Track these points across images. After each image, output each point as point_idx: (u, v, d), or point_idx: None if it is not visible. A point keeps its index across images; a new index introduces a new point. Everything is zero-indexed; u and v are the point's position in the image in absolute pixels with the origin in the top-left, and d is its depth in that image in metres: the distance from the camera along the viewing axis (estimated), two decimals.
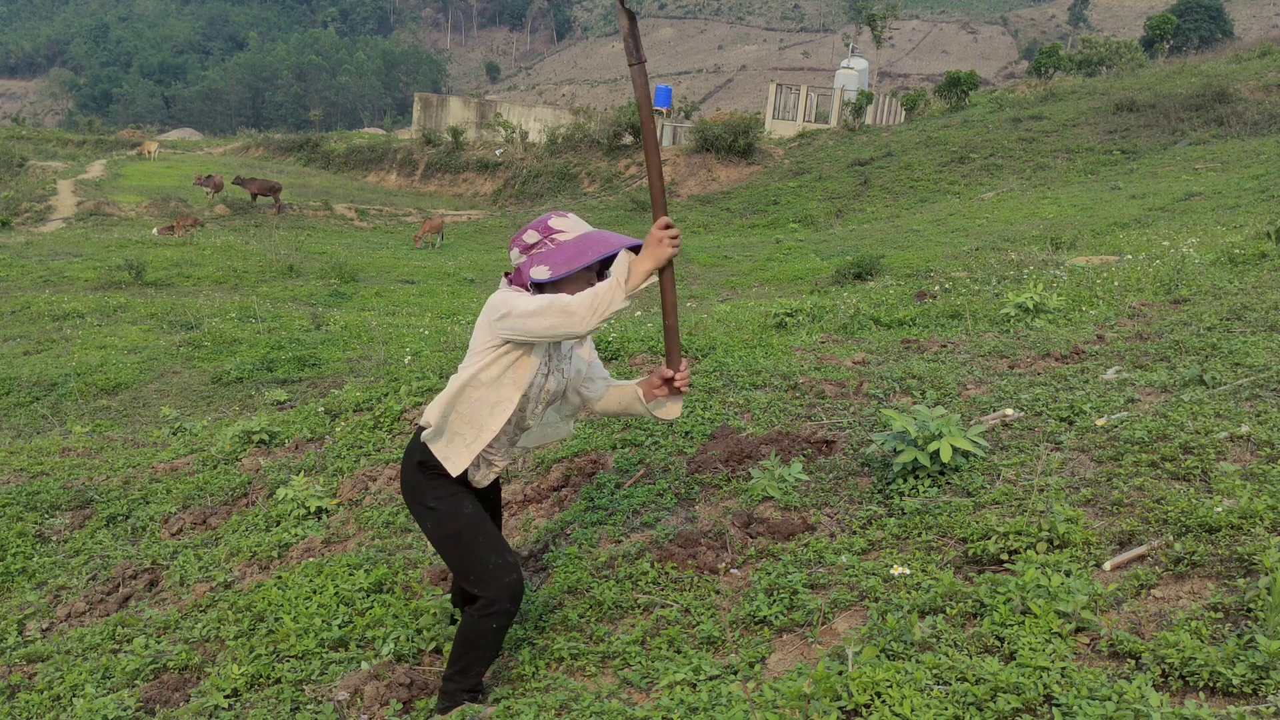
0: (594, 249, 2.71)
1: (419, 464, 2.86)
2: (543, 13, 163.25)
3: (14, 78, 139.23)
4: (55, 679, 3.61)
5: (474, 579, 2.84)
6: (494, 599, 2.81)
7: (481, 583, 2.82)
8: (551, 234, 2.77)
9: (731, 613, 3.02)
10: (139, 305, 13.95)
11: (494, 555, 2.83)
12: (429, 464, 2.84)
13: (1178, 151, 22.53)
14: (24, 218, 26.20)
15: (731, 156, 30.75)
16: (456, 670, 2.90)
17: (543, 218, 2.81)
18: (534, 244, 2.77)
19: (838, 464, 3.95)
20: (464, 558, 2.84)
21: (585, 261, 2.68)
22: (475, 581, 2.84)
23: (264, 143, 47.12)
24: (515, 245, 2.82)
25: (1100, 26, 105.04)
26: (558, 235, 2.76)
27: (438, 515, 2.84)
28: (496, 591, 2.80)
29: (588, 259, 2.69)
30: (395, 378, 6.61)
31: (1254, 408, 3.73)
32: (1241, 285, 6.51)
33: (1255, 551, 2.60)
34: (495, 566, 2.82)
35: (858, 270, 13.27)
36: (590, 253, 2.70)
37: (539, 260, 2.73)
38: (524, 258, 2.78)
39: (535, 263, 2.73)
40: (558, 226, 2.78)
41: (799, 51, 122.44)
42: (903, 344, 6.21)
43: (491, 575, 2.81)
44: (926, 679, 2.27)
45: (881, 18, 44.09)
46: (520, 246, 2.80)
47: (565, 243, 2.75)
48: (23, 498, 5.58)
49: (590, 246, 2.72)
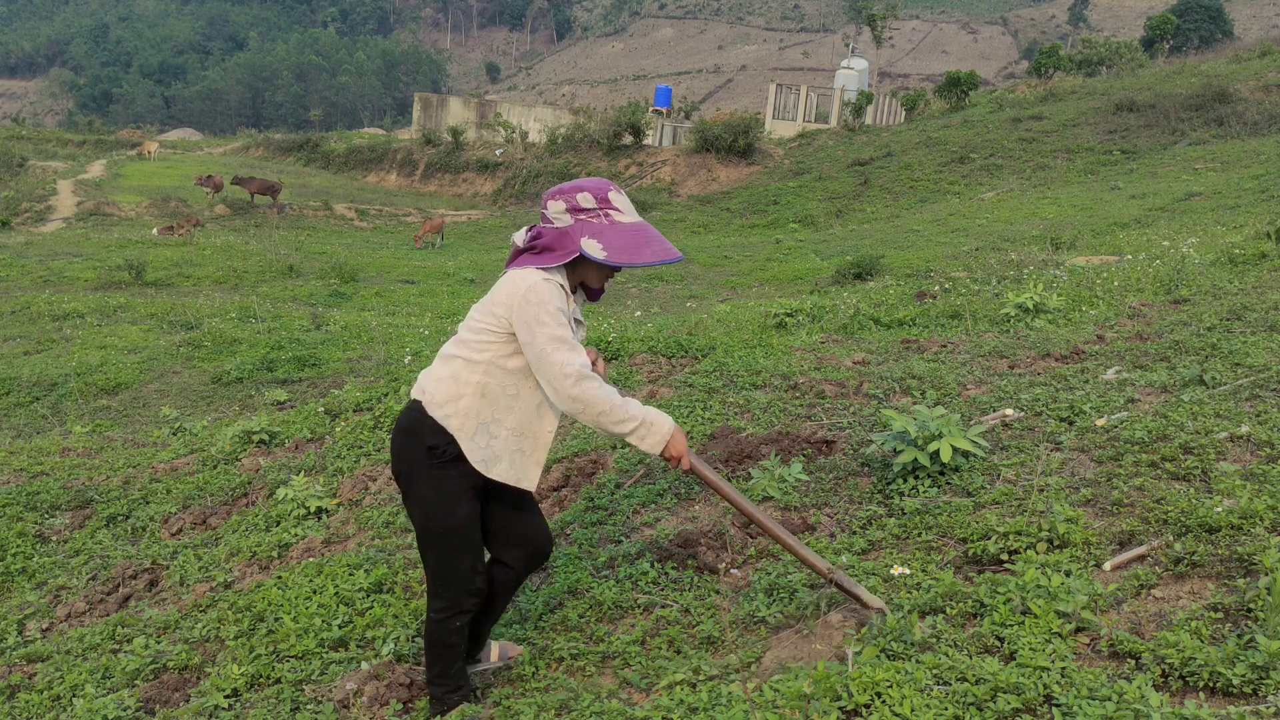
0: (651, 250, 2.59)
1: (429, 447, 2.68)
2: (543, 13, 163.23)
3: (14, 78, 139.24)
4: (55, 679, 3.60)
5: (441, 581, 2.77)
6: (456, 601, 2.77)
7: (447, 585, 2.77)
8: (609, 207, 2.61)
9: (731, 613, 3.02)
10: (139, 305, 13.95)
11: (469, 562, 2.76)
12: (439, 448, 2.67)
13: (1178, 151, 22.52)
14: (24, 218, 26.20)
15: (731, 156, 30.76)
16: (436, 673, 2.87)
17: (597, 182, 2.63)
18: (588, 209, 2.59)
19: (838, 464, 3.95)
20: (441, 559, 2.76)
21: (642, 260, 2.56)
22: (442, 582, 2.77)
23: (264, 143, 47.12)
24: (561, 198, 2.61)
25: (1100, 26, 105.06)
26: (614, 213, 2.61)
27: (429, 506, 2.72)
28: (460, 595, 2.77)
29: (645, 259, 2.57)
30: (395, 378, 6.61)
31: (1254, 408, 3.73)
32: (1241, 285, 6.51)
33: (1255, 551, 2.60)
34: (467, 572, 2.76)
35: (858, 270, 13.27)
36: (648, 253, 2.58)
37: (592, 232, 2.57)
38: (570, 219, 2.60)
39: (587, 233, 2.57)
40: (616, 203, 2.62)
41: (799, 51, 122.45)
42: (903, 344, 6.21)
43: (460, 580, 2.76)
44: (926, 679, 2.27)
45: (881, 18, 44.08)
46: (570, 204, 2.60)
47: (622, 225, 2.61)
48: (23, 498, 5.58)
49: (648, 245, 2.60)
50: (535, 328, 2.55)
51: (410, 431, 2.73)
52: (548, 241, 2.63)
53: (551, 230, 2.63)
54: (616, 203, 2.63)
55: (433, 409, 2.68)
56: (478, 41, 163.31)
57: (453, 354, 2.72)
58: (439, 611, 2.80)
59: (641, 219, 2.69)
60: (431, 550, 2.78)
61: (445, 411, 2.67)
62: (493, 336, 2.64)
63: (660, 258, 2.60)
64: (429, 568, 2.81)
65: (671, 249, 2.64)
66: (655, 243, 2.63)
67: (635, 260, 2.57)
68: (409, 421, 2.74)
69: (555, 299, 2.57)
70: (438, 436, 2.68)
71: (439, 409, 2.68)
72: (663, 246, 2.63)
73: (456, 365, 2.70)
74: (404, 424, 2.75)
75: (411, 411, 2.75)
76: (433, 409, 2.68)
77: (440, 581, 2.78)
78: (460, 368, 2.68)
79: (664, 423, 2.61)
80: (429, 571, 2.82)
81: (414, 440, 2.71)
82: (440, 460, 2.69)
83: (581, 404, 2.53)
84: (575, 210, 2.61)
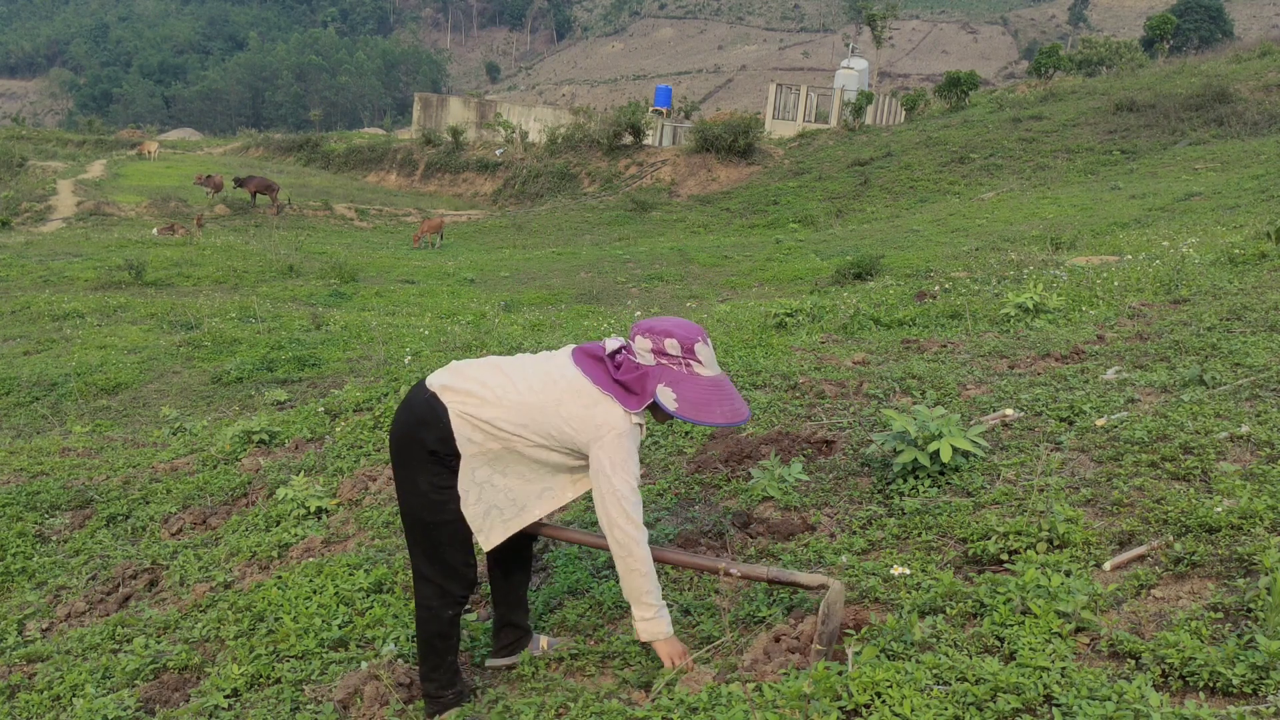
0: (721, 411, 2.62)
1: (430, 452, 2.68)
2: (543, 13, 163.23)
3: (14, 78, 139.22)
4: (55, 679, 3.60)
5: (433, 566, 2.78)
6: (446, 589, 2.78)
7: (437, 573, 2.78)
8: (693, 358, 2.64)
9: (731, 613, 3.02)
10: (139, 305, 13.95)
11: (460, 554, 2.78)
12: (441, 455, 2.69)
13: (1178, 151, 22.53)
14: (24, 218, 26.20)
15: (731, 156, 30.76)
16: (430, 668, 2.87)
17: (687, 330, 2.66)
18: (673, 356, 2.63)
19: (838, 464, 3.95)
20: (430, 549, 2.77)
21: (711, 421, 2.60)
22: (432, 571, 2.78)
23: (264, 143, 47.12)
24: (650, 338, 2.65)
25: (1100, 26, 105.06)
26: (695, 365, 2.64)
27: (422, 498, 2.72)
28: (451, 583, 2.78)
29: (714, 419, 2.60)
30: (395, 378, 6.61)
31: (1254, 408, 3.73)
32: (1241, 285, 6.51)
33: (1255, 551, 2.60)
34: (458, 564, 2.78)
35: (858, 270, 13.27)
36: (718, 413, 2.61)
37: (670, 381, 2.61)
38: (653, 360, 2.64)
39: (664, 380, 2.61)
40: (701, 356, 2.65)
41: (799, 51, 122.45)
42: (903, 344, 6.21)
43: (450, 569, 2.78)
44: (926, 679, 2.27)
45: (881, 18, 44.09)
46: (655, 346, 2.64)
47: (701, 378, 2.64)
48: (23, 498, 5.57)
49: (719, 404, 2.62)
50: (618, 469, 2.60)
51: (423, 424, 2.69)
52: (628, 379, 2.65)
53: (632, 366, 2.66)
54: (703, 356, 2.66)
55: (457, 424, 2.66)
56: (478, 41, 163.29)
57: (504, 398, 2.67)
58: (428, 599, 2.80)
59: (722, 373, 2.73)
60: (420, 541, 2.78)
61: (466, 438, 2.67)
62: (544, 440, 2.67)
63: (728, 420, 2.64)
64: (418, 556, 2.81)
65: (742, 410, 2.67)
66: (727, 402, 2.65)
67: (703, 419, 2.61)
68: (425, 414, 2.70)
69: (636, 441, 2.65)
70: (445, 447, 2.68)
71: (463, 423, 2.67)
72: (733, 408, 2.65)
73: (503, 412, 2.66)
74: (419, 414, 2.71)
75: (431, 407, 2.69)
76: (457, 424, 2.66)
77: (431, 567, 2.79)
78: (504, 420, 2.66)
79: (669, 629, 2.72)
80: (418, 560, 2.81)
81: (424, 433, 2.69)
82: (439, 465, 2.72)
83: (625, 550, 2.62)
84: (660, 354, 2.64)
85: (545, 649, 3.07)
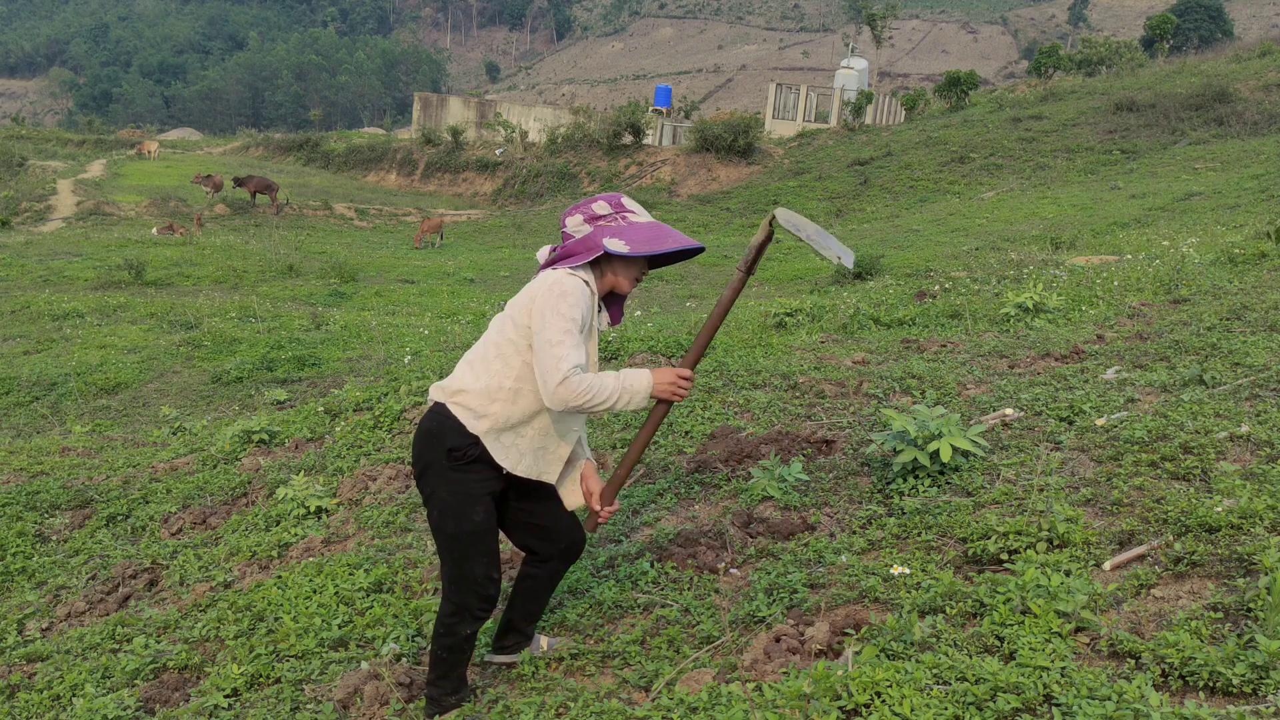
0: (670, 238, 2.72)
1: (449, 449, 2.71)
2: (543, 13, 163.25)
3: (14, 78, 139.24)
4: (55, 679, 3.60)
5: (453, 585, 2.80)
6: (465, 605, 2.79)
7: (459, 590, 2.79)
8: (624, 211, 2.77)
9: (731, 612, 3.02)
10: (139, 305, 13.95)
11: (483, 568, 2.78)
12: (459, 450, 2.71)
13: (1178, 151, 22.52)
14: (24, 217, 26.20)
15: (731, 156, 30.75)
16: (437, 676, 2.89)
17: (608, 195, 2.81)
18: (604, 215, 2.75)
19: (838, 464, 3.95)
20: (455, 563, 2.79)
21: (663, 248, 2.68)
22: (454, 586, 2.80)
23: (264, 142, 47.11)
24: (579, 213, 2.77)
25: (1100, 26, 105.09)
26: (629, 215, 2.77)
27: (445, 507, 2.75)
28: (470, 600, 2.79)
29: (666, 246, 2.69)
30: (395, 377, 6.61)
31: (1254, 408, 3.73)
32: (1241, 285, 6.51)
33: (1255, 551, 2.60)
34: (480, 579, 2.79)
35: (858, 270, 13.26)
36: (669, 240, 2.71)
37: (612, 233, 2.70)
38: (589, 227, 2.73)
39: (608, 234, 2.70)
40: (630, 206, 2.79)
41: (799, 51, 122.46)
42: (903, 344, 6.21)
43: (472, 586, 2.78)
44: (926, 679, 2.27)
45: (881, 17, 44.10)
46: (587, 215, 2.75)
47: (638, 223, 2.75)
48: (23, 498, 5.57)
49: (665, 235, 2.73)
50: (550, 316, 2.60)
51: (432, 434, 2.76)
52: (570, 248, 2.73)
53: (573, 241, 2.75)
54: (631, 206, 2.79)
55: (461, 412, 2.71)
56: (478, 41, 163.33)
57: (484, 358, 2.74)
58: (449, 615, 2.82)
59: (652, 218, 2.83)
60: (446, 553, 2.81)
61: (476, 414, 2.71)
62: (527, 339, 2.69)
63: (682, 244, 2.71)
64: (444, 573, 2.85)
65: (690, 239, 2.77)
66: (674, 234, 2.75)
67: (658, 248, 2.68)
68: (432, 424, 2.77)
69: (578, 294, 2.64)
70: (460, 438, 2.71)
71: (468, 413, 2.71)
72: (682, 237, 2.75)
73: (492, 370, 2.72)
74: (426, 427, 2.78)
75: (435, 414, 2.77)
76: (461, 412, 2.71)
77: (453, 585, 2.81)
78: (496, 373, 2.71)
79: (641, 379, 2.68)
80: (443, 575, 2.85)
81: (434, 442, 2.75)
82: (458, 462, 2.72)
83: (563, 402, 2.59)
84: (593, 219, 2.75)
85: (545, 649, 3.07)
